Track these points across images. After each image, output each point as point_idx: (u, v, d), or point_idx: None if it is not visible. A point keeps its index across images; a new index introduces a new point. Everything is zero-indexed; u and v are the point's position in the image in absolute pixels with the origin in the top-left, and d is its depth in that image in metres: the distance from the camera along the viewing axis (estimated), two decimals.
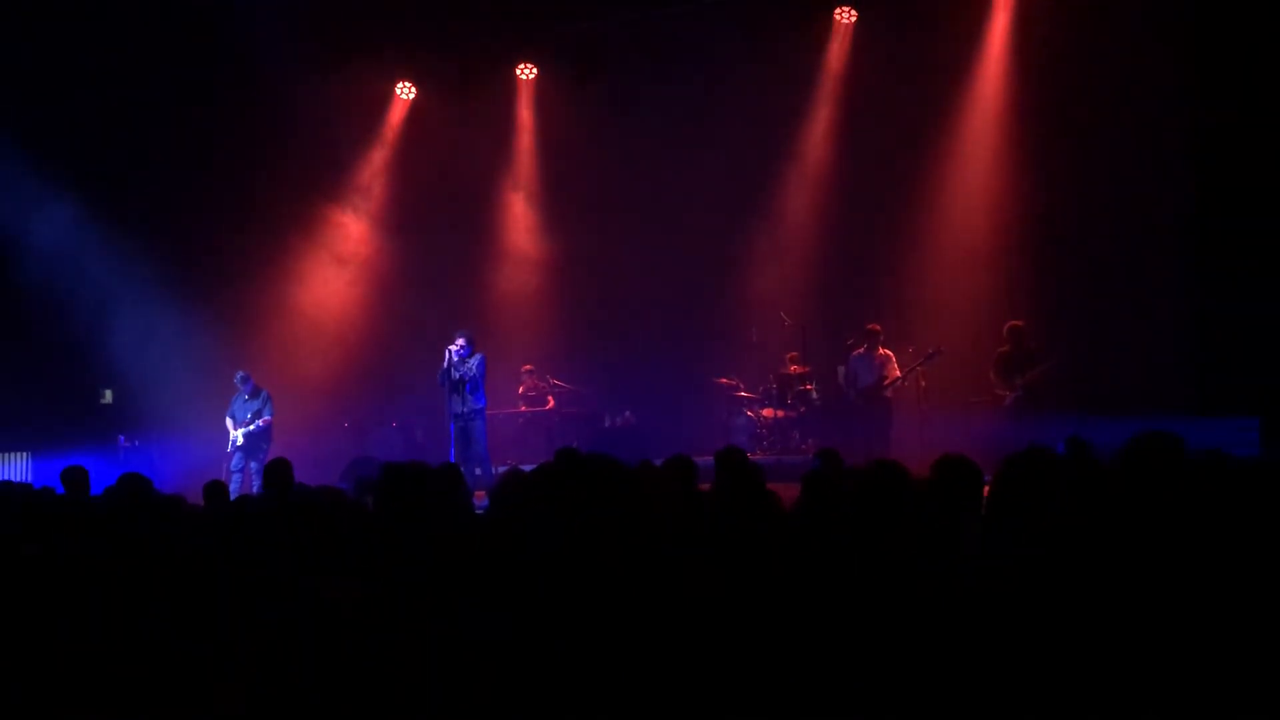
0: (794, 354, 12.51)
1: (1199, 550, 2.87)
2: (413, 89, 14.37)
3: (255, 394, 11.68)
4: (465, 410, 10.83)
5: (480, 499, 4.87)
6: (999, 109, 12.23)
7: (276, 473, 5.05)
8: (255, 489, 10.10)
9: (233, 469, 11.53)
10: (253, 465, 11.39)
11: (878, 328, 11.30)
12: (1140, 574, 2.80)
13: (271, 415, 11.66)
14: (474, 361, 10.94)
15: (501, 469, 11.04)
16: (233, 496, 7.04)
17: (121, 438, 12.80)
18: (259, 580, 3.48)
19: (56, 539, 4.16)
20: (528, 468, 4.34)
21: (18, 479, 11.54)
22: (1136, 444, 3.40)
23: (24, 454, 12.36)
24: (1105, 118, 11.30)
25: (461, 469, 6.53)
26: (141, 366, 12.65)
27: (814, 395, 12.29)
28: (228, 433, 11.72)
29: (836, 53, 13.14)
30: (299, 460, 5.64)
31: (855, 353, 11.36)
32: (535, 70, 14.34)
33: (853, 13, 13.00)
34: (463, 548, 3.58)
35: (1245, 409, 9.81)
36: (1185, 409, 10.18)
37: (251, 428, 11.51)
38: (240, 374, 11.74)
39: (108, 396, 13.37)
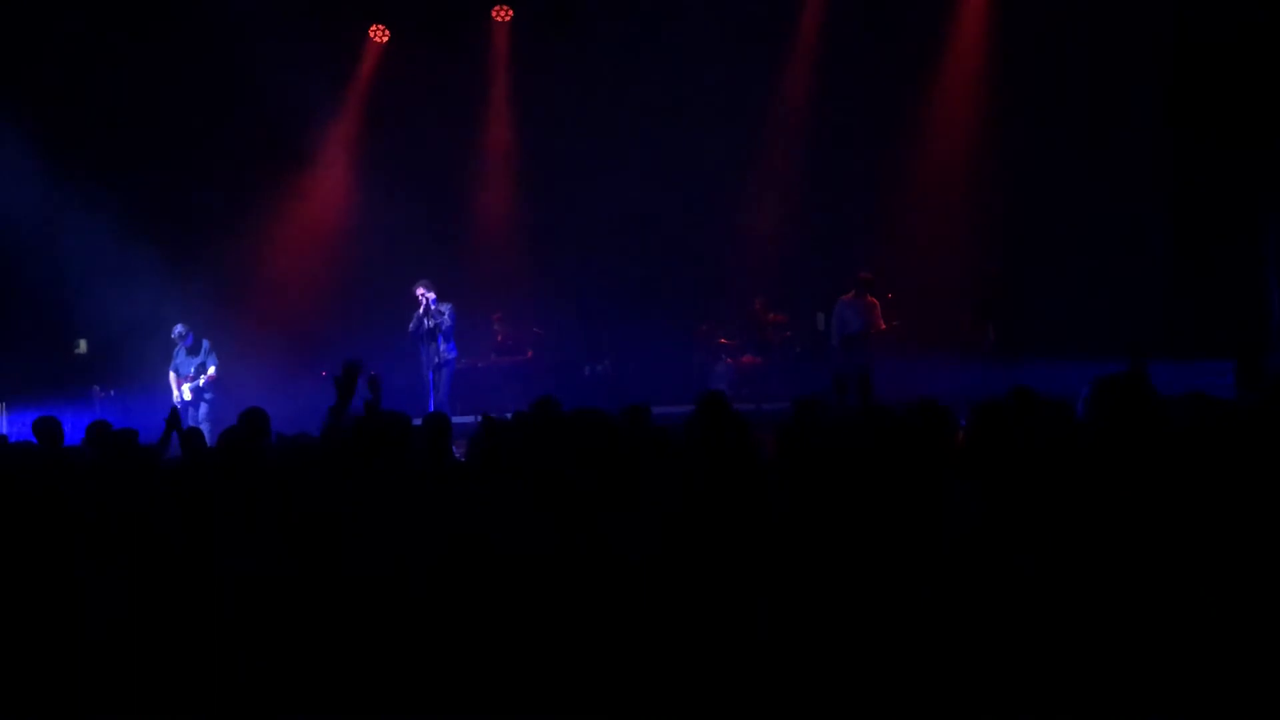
0: (760, 300, 12.61)
1: (1179, 494, 2.88)
2: (385, 32, 14.15)
3: (197, 347, 11.46)
4: (439, 361, 10.99)
5: None
6: (978, 54, 12.18)
7: (251, 422, 5.02)
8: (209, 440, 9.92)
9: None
10: (203, 412, 11.28)
11: (869, 276, 11.27)
12: (1120, 516, 2.82)
13: (216, 366, 11.52)
14: (446, 310, 11.05)
15: (470, 419, 11.11)
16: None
17: (96, 388, 12.69)
18: (239, 527, 3.47)
19: (33, 489, 4.14)
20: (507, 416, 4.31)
21: None
22: (1099, 388, 3.42)
23: None
24: (1081, 61, 11.27)
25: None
26: (116, 317, 12.51)
27: (793, 342, 12.35)
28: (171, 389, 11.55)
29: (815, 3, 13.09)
30: (275, 410, 5.60)
31: (843, 298, 11.34)
32: (511, 12, 14.15)
33: None
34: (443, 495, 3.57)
35: (1220, 352, 9.90)
36: (1160, 352, 10.26)
37: (200, 382, 11.37)
38: (179, 328, 11.41)
39: (82, 346, 13.23)
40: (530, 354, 13.35)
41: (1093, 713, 2.46)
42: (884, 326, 11.17)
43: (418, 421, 4.40)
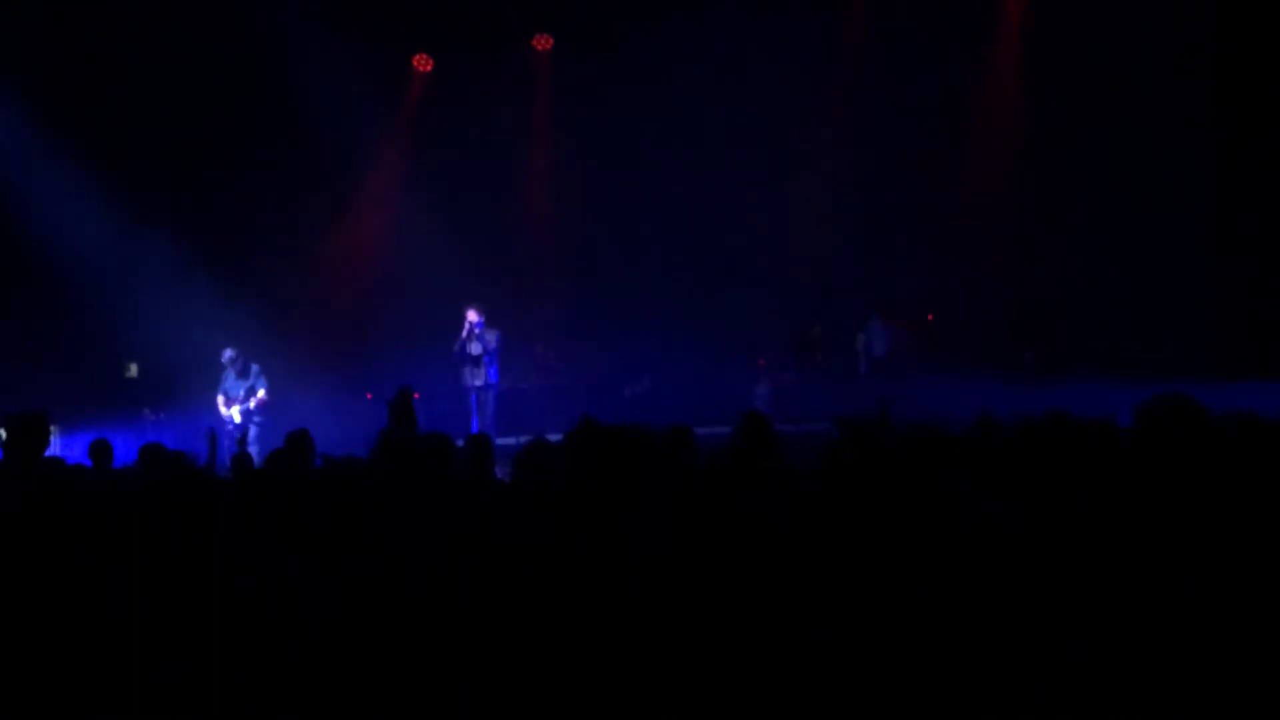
0: (814, 323, 12.59)
1: (1230, 514, 2.84)
2: (429, 61, 14.39)
3: (246, 370, 11.55)
4: (481, 384, 11.14)
5: None
6: (1017, 73, 12.16)
7: (298, 444, 5.12)
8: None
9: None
10: (251, 435, 11.40)
11: (889, 299, 11.29)
12: (1166, 534, 2.79)
13: (267, 388, 11.61)
14: (493, 336, 11.21)
15: (511, 440, 11.18)
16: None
17: (146, 411, 12.90)
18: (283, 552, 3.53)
19: (85, 511, 4.23)
20: (553, 437, 4.35)
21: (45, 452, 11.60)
22: (1151, 408, 3.38)
23: (51, 428, 12.45)
24: (1126, 75, 11.20)
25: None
26: (166, 341, 12.75)
27: (832, 363, 12.33)
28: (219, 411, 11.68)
29: (855, 23, 13.12)
30: (321, 432, 5.70)
31: (873, 321, 11.36)
32: (552, 41, 14.33)
33: None
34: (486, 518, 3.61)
35: (1270, 372, 9.75)
36: (1209, 372, 10.12)
37: (250, 405, 11.49)
38: (228, 353, 11.52)
39: (133, 370, 13.47)
40: (562, 375, 13.46)
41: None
42: (910, 344, 11.16)
43: (460, 442, 4.46)
